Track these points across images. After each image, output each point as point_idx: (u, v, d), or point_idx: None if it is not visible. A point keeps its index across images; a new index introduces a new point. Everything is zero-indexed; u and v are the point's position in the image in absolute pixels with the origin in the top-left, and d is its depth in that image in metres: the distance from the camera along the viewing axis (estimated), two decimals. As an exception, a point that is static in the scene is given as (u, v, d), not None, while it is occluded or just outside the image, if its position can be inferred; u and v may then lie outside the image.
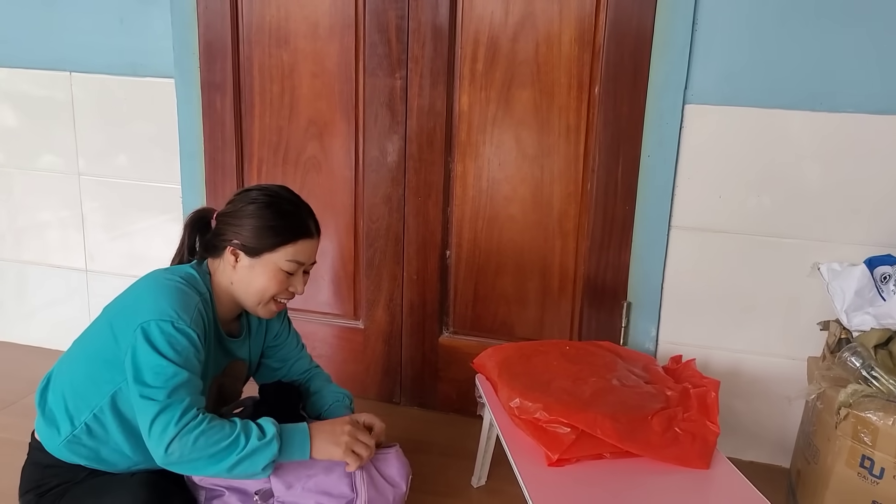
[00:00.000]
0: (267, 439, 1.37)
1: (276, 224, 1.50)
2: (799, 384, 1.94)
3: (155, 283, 1.47)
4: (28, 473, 1.54)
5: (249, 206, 1.51)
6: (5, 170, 2.58)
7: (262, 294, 1.52)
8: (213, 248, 1.55)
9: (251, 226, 1.49)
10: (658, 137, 1.99)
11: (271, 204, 1.51)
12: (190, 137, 2.34)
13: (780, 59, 1.88)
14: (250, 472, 1.37)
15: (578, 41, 2.01)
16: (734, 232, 2.01)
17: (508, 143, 2.13)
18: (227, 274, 1.53)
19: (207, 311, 1.49)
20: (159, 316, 1.38)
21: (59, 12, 2.36)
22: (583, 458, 1.55)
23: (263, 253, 1.50)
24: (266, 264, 1.50)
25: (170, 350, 1.36)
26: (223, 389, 1.63)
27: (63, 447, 1.48)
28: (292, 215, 1.53)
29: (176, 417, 1.32)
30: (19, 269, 2.67)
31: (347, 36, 2.16)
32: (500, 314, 2.26)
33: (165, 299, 1.41)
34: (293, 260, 1.52)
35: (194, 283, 1.49)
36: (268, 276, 1.51)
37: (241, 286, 1.52)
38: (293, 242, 1.51)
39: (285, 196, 1.56)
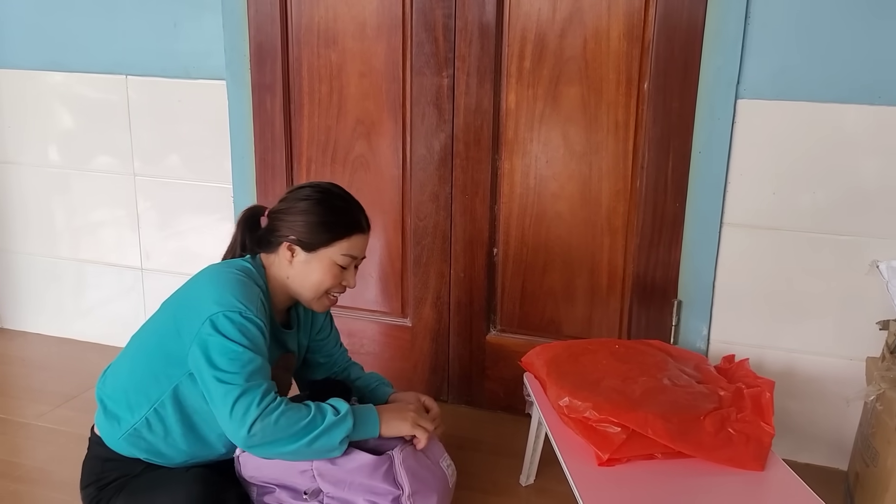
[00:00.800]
0: (342, 415, 1.44)
1: (330, 220, 1.56)
2: (857, 385, 1.89)
3: (217, 276, 1.52)
4: (88, 467, 1.59)
5: (302, 202, 1.57)
6: (63, 171, 2.66)
7: (318, 288, 1.58)
8: (268, 244, 1.60)
9: (306, 222, 1.55)
10: (709, 133, 1.96)
11: (323, 200, 1.57)
12: (240, 138, 2.39)
13: (834, 51, 1.83)
14: (328, 448, 1.43)
15: (627, 36, 1.99)
16: (788, 229, 1.96)
17: (556, 141, 2.12)
18: (284, 269, 1.58)
19: (266, 303, 1.54)
20: (227, 307, 1.43)
21: (117, 18, 2.43)
22: (633, 458, 1.53)
23: (319, 248, 1.55)
24: (321, 259, 1.56)
25: (242, 338, 1.42)
26: (276, 381, 1.66)
27: (122, 440, 1.52)
28: (345, 211, 1.59)
29: (257, 400, 1.37)
30: (77, 268, 2.75)
31: (395, 35, 2.17)
32: (547, 312, 2.25)
33: (230, 291, 1.46)
34: (347, 254, 1.58)
35: (252, 276, 1.54)
36: (323, 270, 1.56)
37: (297, 280, 1.58)
38: (347, 237, 1.57)
39: (336, 192, 1.62)
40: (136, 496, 1.49)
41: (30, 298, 2.85)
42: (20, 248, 2.80)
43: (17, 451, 2.10)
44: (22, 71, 2.60)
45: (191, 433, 1.52)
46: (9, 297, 2.88)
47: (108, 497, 1.52)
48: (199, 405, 1.49)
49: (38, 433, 2.19)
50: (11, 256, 2.82)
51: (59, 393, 2.41)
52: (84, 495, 1.58)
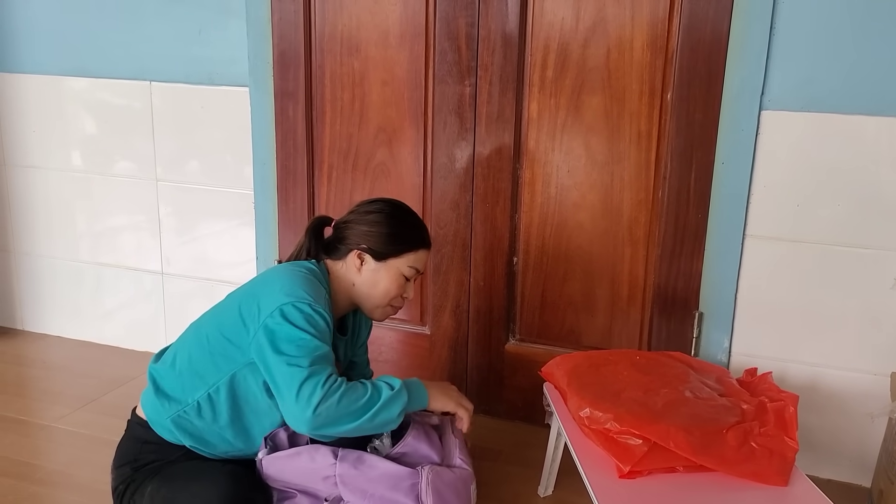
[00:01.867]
0: (397, 390, 1.51)
1: (402, 233, 1.67)
2: (881, 400, 1.87)
3: (286, 272, 1.59)
4: (125, 447, 1.61)
5: (375, 214, 1.67)
6: (86, 175, 2.68)
7: (385, 295, 1.67)
8: (335, 251, 1.69)
9: (378, 233, 1.65)
10: (733, 144, 1.95)
11: (396, 214, 1.69)
12: (262, 144, 2.40)
13: (860, 64, 1.82)
14: (388, 420, 1.50)
15: (651, 47, 1.98)
16: (812, 241, 1.95)
17: (578, 150, 2.11)
18: (351, 275, 1.67)
19: (330, 305, 1.59)
20: (296, 298, 1.49)
21: (141, 24, 2.45)
22: (655, 470, 1.52)
23: (389, 258, 1.65)
24: (390, 268, 1.66)
25: (310, 327, 1.48)
26: None
27: (169, 421, 1.55)
28: (416, 227, 1.71)
29: (321, 382, 1.42)
30: (97, 272, 2.77)
31: (417, 44, 2.18)
32: (567, 322, 2.24)
33: (299, 285, 1.53)
34: (413, 266, 1.68)
35: (318, 277, 1.62)
36: (390, 279, 1.66)
37: (364, 288, 1.67)
38: (416, 251, 1.68)
39: (406, 209, 1.74)
40: (169, 482, 1.51)
41: (51, 301, 2.87)
42: (42, 252, 2.82)
43: (37, 454, 2.11)
44: (47, 76, 2.63)
45: (238, 423, 1.55)
46: (30, 299, 2.90)
47: (142, 479, 1.54)
48: (252, 397, 1.54)
49: (58, 436, 2.20)
50: (34, 259, 2.85)
51: (80, 396, 2.43)
52: (117, 474, 1.60)
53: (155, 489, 1.51)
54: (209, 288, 2.56)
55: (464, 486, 1.60)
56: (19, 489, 1.93)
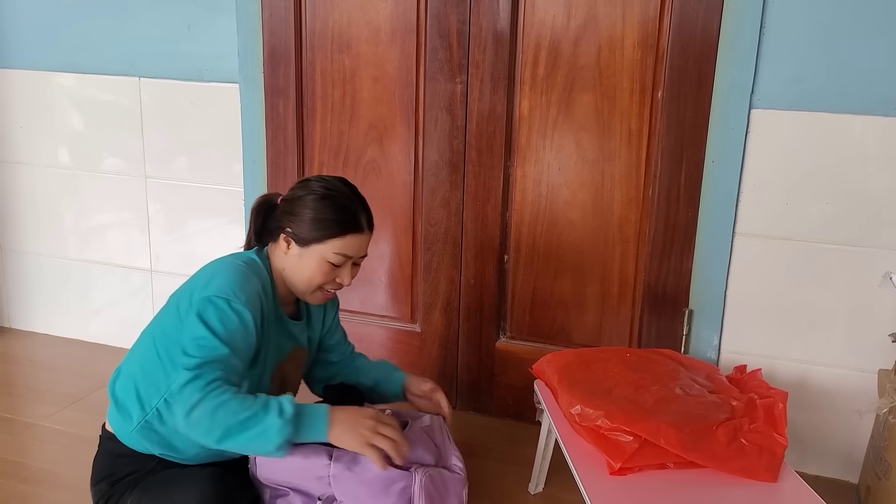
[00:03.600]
0: (285, 419, 1.37)
1: (327, 217, 1.54)
2: (869, 397, 1.89)
3: (217, 265, 1.55)
4: (100, 463, 1.58)
5: (308, 196, 1.56)
6: (73, 172, 2.66)
7: (310, 283, 1.57)
8: (270, 233, 1.61)
9: (305, 216, 1.54)
10: (723, 142, 1.95)
11: (327, 196, 1.55)
12: (253, 141, 2.39)
13: (849, 63, 1.83)
14: (265, 451, 1.39)
15: (642, 45, 1.99)
16: (801, 239, 1.96)
17: (568, 148, 2.11)
18: (281, 259, 1.59)
19: (267, 295, 1.54)
20: (216, 292, 1.44)
21: (130, 20, 2.44)
22: (645, 467, 1.53)
23: (312, 244, 1.54)
24: (313, 255, 1.55)
25: (219, 326, 1.42)
26: (286, 378, 1.66)
27: (135, 433, 1.52)
28: (346, 210, 1.56)
29: (203, 385, 1.36)
30: (85, 269, 2.75)
31: (409, 41, 2.17)
32: (558, 320, 2.25)
33: (224, 278, 1.48)
34: (340, 253, 1.55)
35: (255, 267, 1.56)
36: (314, 266, 1.55)
37: (290, 272, 1.58)
38: (341, 236, 1.55)
39: (342, 189, 1.60)
40: (148, 492, 1.48)
41: (38, 299, 2.85)
42: (29, 249, 2.80)
43: (23, 452, 2.10)
44: (34, 72, 2.61)
45: None
46: (17, 297, 2.88)
47: (121, 492, 1.52)
48: None
49: (45, 434, 2.19)
50: (20, 257, 2.82)
51: (67, 394, 2.41)
52: (95, 491, 1.57)
53: (135, 501, 1.48)
54: (198, 285, 2.54)
55: (455, 491, 1.59)
56: (5, 488, 1.91)
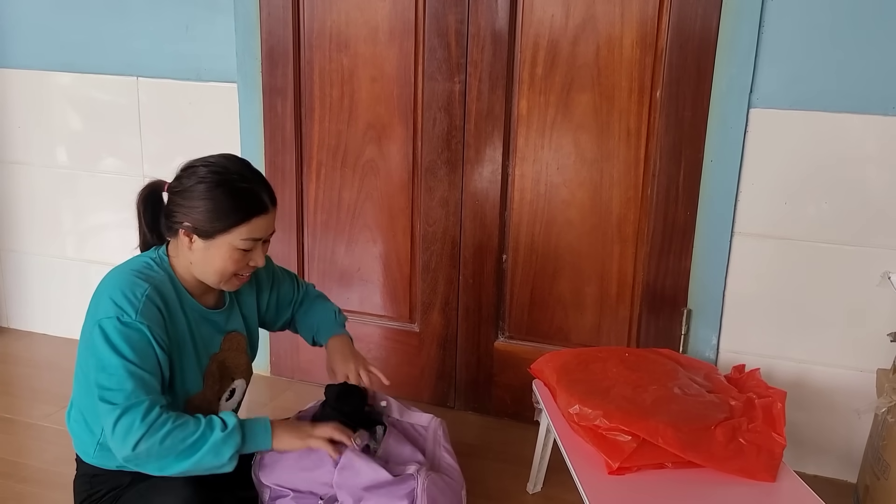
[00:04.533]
0: (229, 430, 1.38)
1: (227, 205, 1.43)
2: (868, 397, 1.88)
3: (107, 278, 1.46)
4: (78, 486, 1.57)
5: (199, 185, 1.44)
6: (72, 172, 2.66)
7: (222, 273, 1.48)
8: (168, 229, 1.50)
9: (202, 208, 1.43)
10: (721, 142, 1.95)
11: (221, 182, 1.44)
12: (251, 141, 2.39)
13: (848, 62, 1.83)
14: (217, 465, 1.39)
15: (640, 44, 1.99)
16: (800, 239, 1.96)
17: (567, 147, 2.11)
18: (185, 255, 1.48)
19: (167, 294, 1.46)
20: (105, 313, 1.38)
21: (128, 20, 2.43)
22: (644, 467, 1.53)
23: (216, 235, 1.44)
24: (220, 246, 1.44)
25: (123, 345, 1.35)
26: (224, 364, 1.60)
27: (97, 456, 1.50)
28: (245, 193, 1.45)
29: (140, 417, 1.32)
30: (83, 268, 2.75)
31: (407, 40, 2.17)
32: (556, 319, 2.25)
33: (112, 294, 1.40)
34: (248, 238, 1.46)
35: (147, 271, 1.46)
36: (223, 256, 1.45)
37: (199, 267, 1.48)
38: (246, 222, 1.44)
39: (235, 171, 1.48)
40: None
41: (36, 299, 2.85)
42: (27, 249, 2.80)
43: (22, 452, 2.10)
44: (33, 71, 2.60)
45: None
46: (15, 297, 2.88)
47: None
48: None
49: (43, 434, 2.19)
50: (19, 256, 2.82)
51: (65, 394, 2.36)
52: None
53: None
54: (197, 285, 2.54)
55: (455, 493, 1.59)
56: (4, 487, 1.91)
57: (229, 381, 1.62)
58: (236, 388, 1.65)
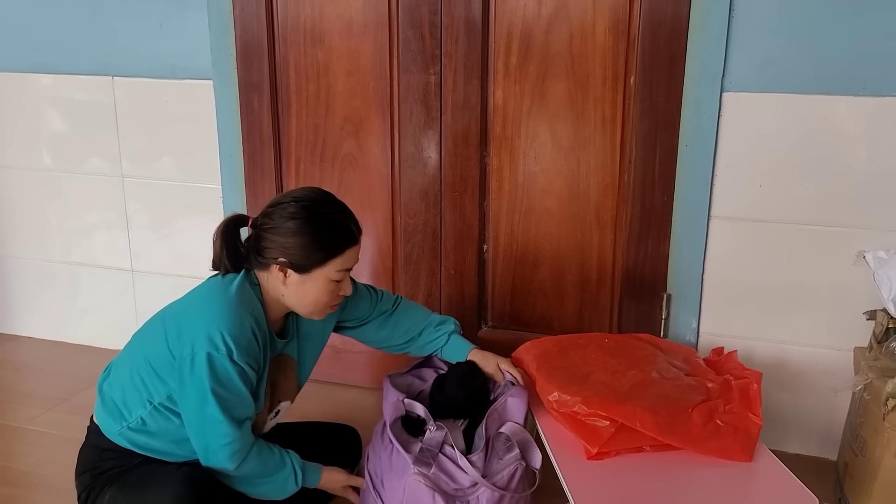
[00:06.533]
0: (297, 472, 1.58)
1: (322, 240, 1.51)
2: (846, 375, 1.90)
3: (212, 299, 1.52)
4: (85, 455, 1.60)
5: (290, 222, 1.50)
6: (53, 174, 2.65)
7: (316, 305, 1.57)
8: (259, 263, 1.55)
9: (297, 244, 1.49)
10: (696, 127, 1.96)
11: (313, 218, 1.50)
12: (228, 138, 2.38)
13: (819, 43, 1.84)
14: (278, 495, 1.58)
15: (613, 31, 1.99)
16: (776, 221, 1.97)
17: (544, 136, 2.12)
18: (278, 288, 1.55)
19: (261, 325, 1.53)
20: (216, 348, 1.43)
21: (102, 19, 2.42)
22: (622, 451, 1.54)
23: (313, 269, 1.52)
24: (316, 279, 1.53)
25: (234, 380, 1.45)
26: (275, 385, 1.67)
27: (119, 435, 1.55)
28: (336, 226, 1.53)
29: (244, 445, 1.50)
30: (69, 271, 2.74)
31: (381, 33, 2.17)
32: (538, 308, 2.26)
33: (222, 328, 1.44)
34: (342, 269, 1.55)
35: (247, 300, 1.52)
36: (319, 289, 1.54)
37: (293, 300, 1.56)
38: (341, 254, 1.53)
39: (325, 203, 1.55)
40: (125, 489, 1.50)
41: (21, 302, 2.84)
42: (11, 252, 2.79)
43: (8, 455, 2.10)
44: (10, 73, 2.59)
45: (184, 434, 1.53)
46: (0, 300, 2.87)
47: (102, 486, 1.54)
48: None
49: (30, 437, 2.19)
50: (2, 260, 2.81)
51: (51, 397, 2.41)
52: (79, 482, 1.59)
53: (112, 497, 1.50)
54: (181, 284, 2.50)
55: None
56: (-10, 491, 1.92)
57: (277, 403, 1.68)
58: (281, 409, 1.71)
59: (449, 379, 1.79)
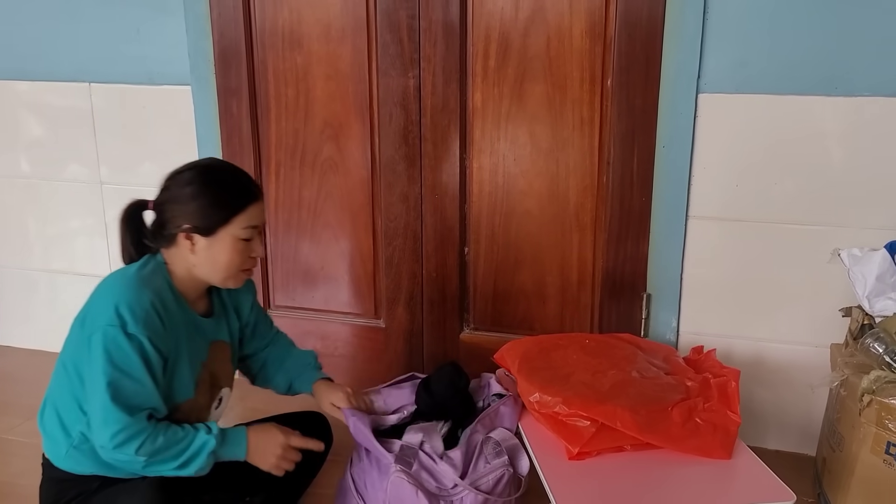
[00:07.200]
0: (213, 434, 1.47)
1: (222, 198, 1.49)
2: (822, 372, 1.92)
3: (111, 285, 1.47)
4: (45, 490, 1.57)
5: (188, 187, 1.49)
6: (32, 181, 2.63)
7: (229, 267, 1.52)
8: (163, 238, 1.52)
9: (198, 206, 1.47)
10: (672, 128, 1.98)
11: (211, 179, 1.51)
12: (208, 143, 2.37)
13: (792, 44, 1.86)
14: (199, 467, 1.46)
15: (589, 34, 2.01)
16: (752, 220, 1.99)
17: (523, 138, 2.13)
18: (187, 259, 1.51)
19: (167, 303, 1.48)
20: (108, 321, 1.39)
21: (78, 24, 2.40)
22: (603, 451, 1.55)
23: (218, 229, 1.49)
24: (224, 238, 1.49)
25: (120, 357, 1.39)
26: (216, 375, 1.63)
27: (67, 459, 1.50)
28: (234, 184, 1.53)
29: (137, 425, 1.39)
30: (49, 279, 2.72)
31: (359, 37, 2.17)
32: (519, 309, 2.27)
33: (117, 303, 1.41)
34: (249, 226, 1.51)
35: (150, 277, 1.48)
36: (229, 249, 1.50)
37: (205, 267, 1.52)
38: (244, 209, 1.50)
39: (220, 166, 1.58)
40: None
41: (1, 310, 2.81)
42: (-12, 260, 2.77)
43: (-13, 465, 2.08)
44: (-16, 81, 2.57)
45: None
46: (-23, 309, 2.84)
47: None
48: None
49: (8, 447, 2.17)
50: (-21, 268, 2.79)
51: (31, 406, 2.34)
52: None
53: None
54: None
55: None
56: (-31, 502, 1.90)
57: (218, 390, 1.65)
58: (223, 397, 1.68)
59: (434, 379, 1.80)
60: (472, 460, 1.61)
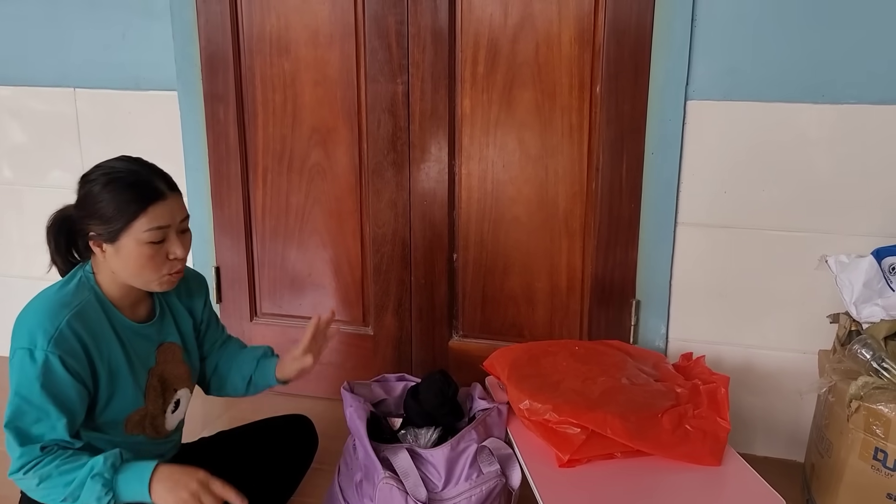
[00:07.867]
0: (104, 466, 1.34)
1: (119, 201, 1.38)
2: (811, 378, 1.93)
3: (30, 306, 1.43)
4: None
5: (90, 191, 1.41)
6: (14, 187, 2.60)
7: (141, 272, 1.42)
8: (84, 246, 1.46)
9: (99, 212, 1.39)
10: (661, 134, 1.99)
11: (108, 182, 1.40)
12: (194, 149, 2.36)
13: (779, 52, 1.87)
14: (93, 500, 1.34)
15: (578, 41, 2.01)
16: (741, 227, 2.00)
17: (511, 145, 2.13)
18: (103, 266, 1.45)
19: (93, 320, 1.43)
20: (19, 343, 1.36)
21: (62, 29, 2.38)
22: (593, 458, 1.55)
23: (119, 235, 1.39)
24: (127, 244, 1.39)
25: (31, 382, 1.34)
26: (164, 377, 1.58)
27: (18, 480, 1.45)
28: (135, 184, 1.40)
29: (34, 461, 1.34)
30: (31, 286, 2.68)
31: (348, 43, 2.17)
32: (509, 316, 2.26)
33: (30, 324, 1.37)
34: (151, 228, 1.39)
35: (72, 293, 1.43)
36: (134, 254, 1.40)
37: (120, 273, 1.44)
38: (142, 212, 1.38)
39: (121, 167, 1.43)
40: None
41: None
42: (-31, 267, 2.73)
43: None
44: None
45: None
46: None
47: None
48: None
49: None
50: (-40, 276, 2.75)
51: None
52: None
53: None
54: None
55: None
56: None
57: (172, 393, 1.60)
58: (181, 399, 1.63)
59: (423, 387, 1.79)
60: (463, 468, 1.59)
